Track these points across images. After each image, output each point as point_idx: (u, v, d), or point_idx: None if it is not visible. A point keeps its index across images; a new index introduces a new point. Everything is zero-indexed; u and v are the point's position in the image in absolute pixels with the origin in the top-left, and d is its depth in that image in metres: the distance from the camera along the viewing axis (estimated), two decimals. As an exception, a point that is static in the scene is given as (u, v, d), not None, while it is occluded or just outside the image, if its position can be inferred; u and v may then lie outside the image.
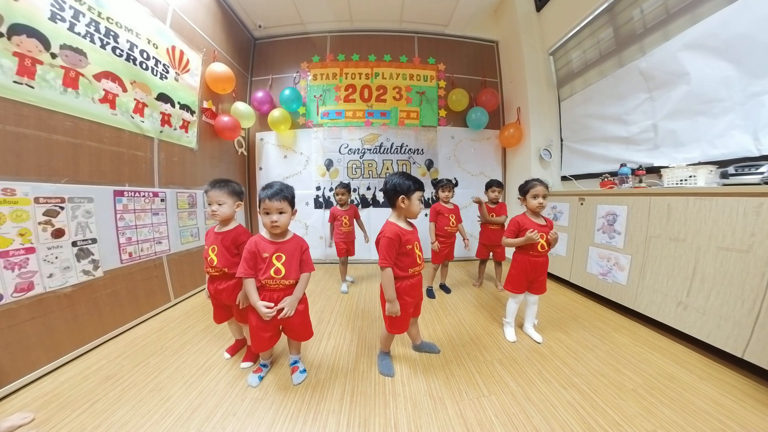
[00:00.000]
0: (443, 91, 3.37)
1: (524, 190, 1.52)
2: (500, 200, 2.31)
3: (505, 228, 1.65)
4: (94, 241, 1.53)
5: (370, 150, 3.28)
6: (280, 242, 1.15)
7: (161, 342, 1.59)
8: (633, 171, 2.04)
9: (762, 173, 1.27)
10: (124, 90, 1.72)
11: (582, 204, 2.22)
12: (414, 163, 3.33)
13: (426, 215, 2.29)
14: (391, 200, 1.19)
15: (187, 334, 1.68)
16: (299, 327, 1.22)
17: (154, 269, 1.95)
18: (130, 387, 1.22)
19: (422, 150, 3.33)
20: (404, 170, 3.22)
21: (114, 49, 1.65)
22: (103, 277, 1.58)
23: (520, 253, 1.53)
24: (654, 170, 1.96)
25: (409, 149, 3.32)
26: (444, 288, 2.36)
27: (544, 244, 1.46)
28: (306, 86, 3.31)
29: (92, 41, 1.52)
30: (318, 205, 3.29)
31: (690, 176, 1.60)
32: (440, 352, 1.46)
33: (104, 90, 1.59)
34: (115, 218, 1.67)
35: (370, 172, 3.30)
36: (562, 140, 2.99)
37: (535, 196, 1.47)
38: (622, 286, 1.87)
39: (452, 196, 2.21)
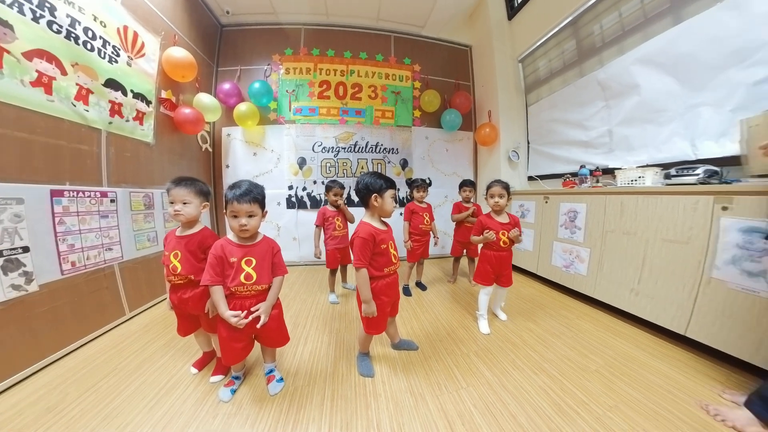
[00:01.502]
0: (418, 92, 3.41)
1: (485, 190, 1.66)
2: (472, 200, 2.40)
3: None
4: (25, 249, 1.31)
5: (344, 149, 3.22)
6: (250, 245, 1.08)
7: (115, 362, 1.40)
8: (591, 172, 2.22)
9: (698, 175, 1.45)
10: (64, 73, 1.48)
11: (547, 202, 2.38)
12: (389, 162, 3.33)
13: (401, 214, 2.32)
14: (364, 200, 1.19)
15: (147, 350, 1.51)
16: (274, 333, 1.16)
17: (104, 279, 1.72)
18: (79, 417, 1.06)
19: (397, 150, 3.34)
20: (379, 170, 3.21)
21: (50, 23, 1.41)
22: (39, 292, 1.35)
23: (485, 249, 1.69)
24: (609, 171, 2.15)
25: (384, 149, 3.31)
26: (420, 285, 2.40)
27: (506, 240, 1.58)
28: (278, 80, 3.15)
29: (21, 12, 1.29)
30: (290, 205, 3.16)
31: (639, 177, 1.79)
32: (418, 348, 1.48)
33: (37, 71, 1.36)
34: (52, 222, 1.44)
35: (345, 171, 3.23)
36: (528, 143, 3.18)
37: (491, 196, 1.61)
38: (583, 277, 2.04)
39: (426, 196, 2.27)
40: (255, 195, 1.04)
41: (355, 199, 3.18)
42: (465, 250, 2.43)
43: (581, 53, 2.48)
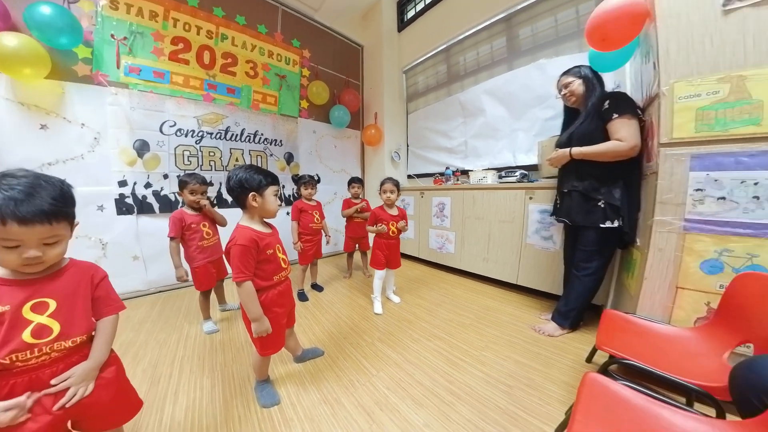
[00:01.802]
0: (306, 81, 3.17)
1: (379, 185, 1.86)
2: (361, 196, 2.50)
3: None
4: None
5: (211, 134, 2.53)
6: (40, 280, 0.63)
7: None
8: (453, 172, 2.83)
9: (516, 176, 2.18)
10: None
11: (422, 197, 2.85)
12: (271, 155, 2.92)
13: (287, 214, 2.14)
14: (239, 199, 1.00)
15: None
16: (110, 406, 0.73)
17: None
18: None
19: (281, 141, 2.98)
20: (259, 163, 2.78)
21: None
22: None
23: (377, 238, 1.87)
24: (465, 172, 2.82)
25: (266, 139, 2.87)
26: (316, 287, 2.28)
27: (394, 230, 1.81)
28: (95, 14, 2.01)
29: None
30: (124, 209, 2.14)
31: (484, 177, 2.44)
32: (324, 353, 1.41)
33: None
34: None
35: (212, 163, 2.54)
36: (408, 146, 3.67)
37: (384, 191, 1.81)
38: (452, 254, 2.58)
39: (315, 193, 2.15)
40: (55, 205, 0.59)
41: (229, 198, 2.60)
42: (357, 245, 2.50)
43: (450, 77, 3.10)
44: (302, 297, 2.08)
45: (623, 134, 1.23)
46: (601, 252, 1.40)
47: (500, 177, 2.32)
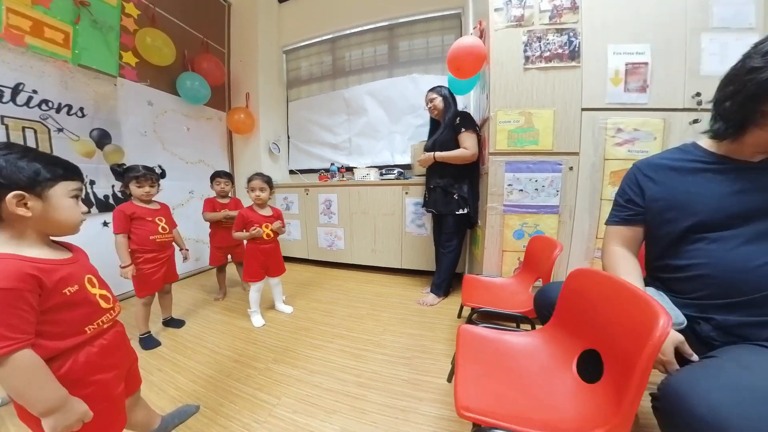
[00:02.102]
0: (135, 25, 2.16)
1: (247, 183, 1.63)
2: (231, 194, 2.11)
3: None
4: None
5: None
6: None
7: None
8: (338, 169, 2.87)
9: (395, 174, 2.48)
10: None
11: (307, 194, 2.73)
12: (60, 130, 1.75)
13: (105, 224, 1.63)
14: None
15: None
16: None
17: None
18: None
19: (82, 110, 1.86)
20: (32, 142, 1.63)
21: None
22: None
23: (250, 244, 1.62)
24: (350, 169, 2.91)
25: (45, 101, 1.69)
26: (172, 323, 1.66)
27: (270, 233, 1.61)
28: None
29: None
30: None
31: (367, 174, 2.61)
32: (200, 407, 1.07)
33: None
34: None
35: None
36: (289, 137, 3.36)
37: (252, 189, 1.58)
38: (343, 251, 2.62)
39: (157, 192, 1.52)
40: None
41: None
42: (229, 256, 2.04)
43: (335, 70, 3.08)
44: (148, 343, 1.44)
45: (467, 144, 1.65)
46: (458, 233, 1.83)
47: (381, 174, 2.56)
